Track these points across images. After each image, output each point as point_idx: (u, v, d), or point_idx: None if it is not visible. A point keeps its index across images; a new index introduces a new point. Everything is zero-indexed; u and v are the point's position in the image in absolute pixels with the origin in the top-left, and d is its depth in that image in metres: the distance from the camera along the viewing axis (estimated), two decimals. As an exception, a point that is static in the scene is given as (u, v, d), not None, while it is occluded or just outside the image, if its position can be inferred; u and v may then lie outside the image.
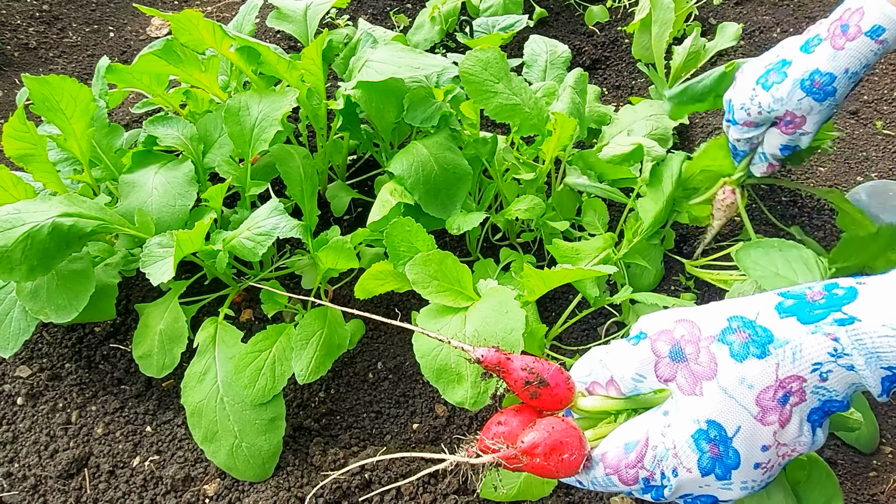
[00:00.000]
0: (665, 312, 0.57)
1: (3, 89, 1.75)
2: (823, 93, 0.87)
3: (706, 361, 0.51)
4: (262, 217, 0.94)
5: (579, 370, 0.60)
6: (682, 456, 0.51)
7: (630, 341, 0.57)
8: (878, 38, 0.81)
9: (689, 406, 0.52)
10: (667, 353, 0.53)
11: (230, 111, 1.08)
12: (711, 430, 0.51)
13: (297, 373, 0.96)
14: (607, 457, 0.55)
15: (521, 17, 1.60)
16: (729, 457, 0.50)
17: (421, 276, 0.90)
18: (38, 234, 0.90)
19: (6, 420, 1.09)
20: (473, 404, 0.83)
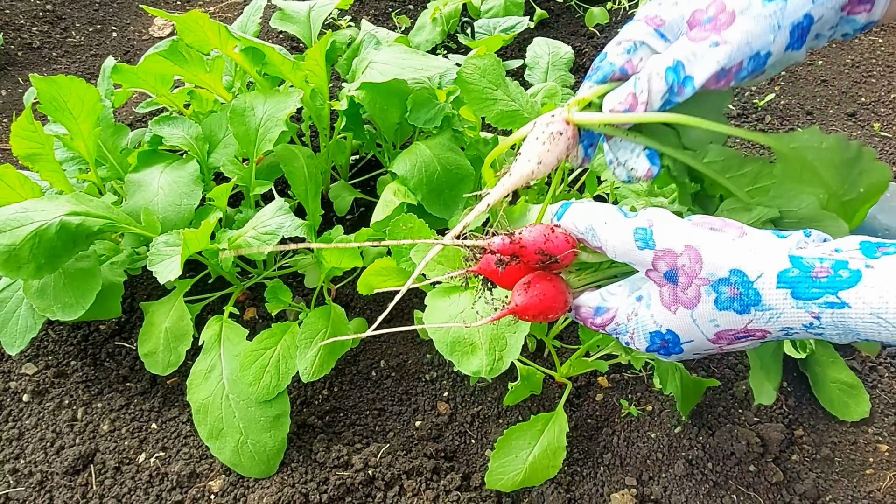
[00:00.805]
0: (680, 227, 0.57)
1: (7, 88, 1.76)
2: None
3: (691, 295, 0.55)
4: (267, 216, 0.95)
5: (577, 221, 0.62)
6: (636, 339, 0.61)
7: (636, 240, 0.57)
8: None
9: (659, 313, 0.58)
10: (663, 271, 0.57)
11: (235, 111, 1.09)
12: (668, 336, 0.59)
13: (301, 371, 0.97)
14: (580, 311, 0.64)
15: (522, 19, 1.61)
16: (675, 350, 0.59)
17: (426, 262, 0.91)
18: (46, 233, 0.91)
19: (12, 417, 1.10)
20: (490, 372, 0.84)
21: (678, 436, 1.05)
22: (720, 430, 1.04)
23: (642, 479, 1.01)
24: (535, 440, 0.96)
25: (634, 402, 1.10)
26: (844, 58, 1.86)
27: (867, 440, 1.06)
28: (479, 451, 1.07)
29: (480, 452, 1.07)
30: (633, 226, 0.58)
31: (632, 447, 1.05)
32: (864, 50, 1.88)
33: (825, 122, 1.67)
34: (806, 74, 1.81)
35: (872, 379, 1.13)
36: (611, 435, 1.06)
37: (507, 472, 0.95)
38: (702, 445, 1.03)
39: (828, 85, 1.78)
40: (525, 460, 0.95)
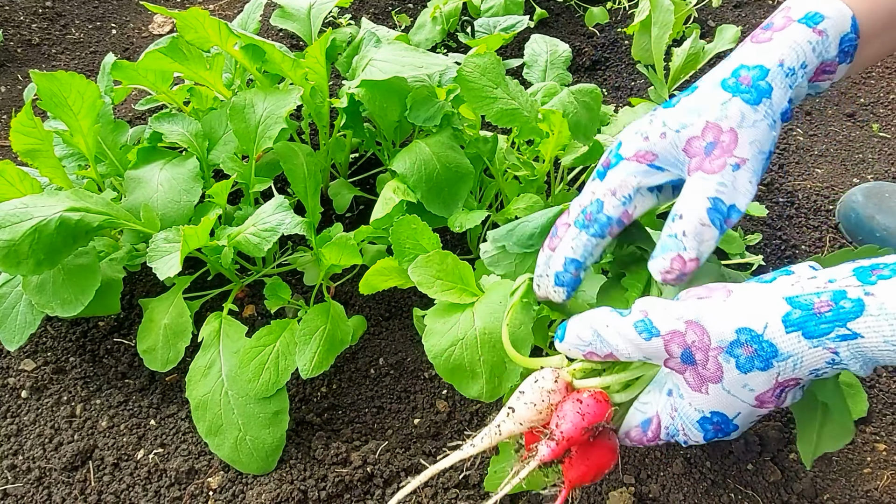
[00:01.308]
0: (673, 307, 0.58)
1: (6, 85, 1.76)
2: (757, 91, 0.60)
3: (713, 369, 0.56)
4: (267, 213, 0.95)
5: (575, 340, 0.63)
6: (690, 433, 0.61)
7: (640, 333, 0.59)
8: (815, 27, 0.61)
9: (694, 399, 0.59)
10: (678, 355, 0.58)
11: (235, 108, 1.09)
12: (715, 418, 0.59)
13: (301, 367, 0.97)
14: (630, 434, 0.65)
15: (522, 18, 1.61)
16: (730, 428, 0.60)
17: (425, 278, 0.92)
18: (46, 229, 0.91)
19: (11, 413, 1.10)
20: (489, 397, 0.86)
21: (676, 434, 1.06)
22: (718, 429, 1.04)
23: (640, 478, 1.01)
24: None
25: (633, 401, 1.10)
26: (843, 58, 1.86)
27: (865, 439, 1.06)
28: (478, 449, 1.07)
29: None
30: (631, 321, 0.59)
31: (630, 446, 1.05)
32: (863, 51, 1.88)
33: (824, 123, 1.68)
34: (805, 75, 1.81)
35: (870, 378, 1.14)
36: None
37: (506, 475, 0.95)
38: (700, 444, 1.04)
39: (827, 85, 1.78)
40: (527, 461, 0.94)
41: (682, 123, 0.62)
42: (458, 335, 0.86)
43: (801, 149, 1.59)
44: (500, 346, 0.85)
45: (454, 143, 1.18)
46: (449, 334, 0.87)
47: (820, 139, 1.62)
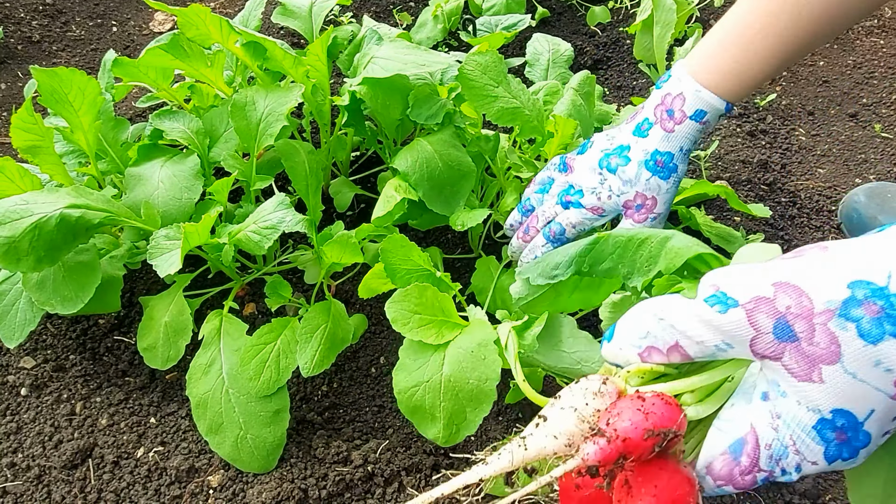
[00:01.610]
0: (755, 270, 0.46)
1: (7, 82, 1.75)
2: (667, 170, 0.91)
3: (825, 342, 0.42)
4: (268, 211, 0.95)
5: (631, 331, 0.51)
6: (804, 451, 0.45)
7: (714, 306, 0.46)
8: (701, 121, 0.88)
9: (805, 393, 0.44)
10: (770, 330, 0.44)
11: (236, 106, 1.08)
12: (838, 420, 0.43)
13: (302, 365, 0.97)
14: (714, 468, 0.48)
15: (524, 17, 1.61)
16: (858, 440, 0.44)
17: (400, 314, 0.90)
18: (46, 225, 0.91)
19: (10, 411, 1.10)
20: (445, 442, 0.87)
21: (678, 434, 1.05)
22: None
23: (642, 478, 1.01)
24: None
25: (634, 401, 1.10)
26: (846, 59, 1.86)
27: None
28: (480, 449, 1.07)
29: (481, 450, 1.07)
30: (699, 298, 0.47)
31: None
32: (865, 51, 1.88)
33: (826, 123, 1.67)
34: (808, 75, 1.81)
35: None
36: (611, 433, 1.06)
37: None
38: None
39: (829, 86, 1.78)
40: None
41: (622, 191, 0.95)
42: (423, 377, 0.87)
43: (804, 149, 1.59)
44: (463, 396, 0.85)
45: (456, 142, 1.17)
46: (416, 374, 0.87)
47: (822, 139, 1.62)
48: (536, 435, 0.47)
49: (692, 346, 0.47)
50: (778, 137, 1.60)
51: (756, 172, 1.47)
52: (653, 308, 0.50)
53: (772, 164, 1.51)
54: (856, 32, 1.95)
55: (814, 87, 1.77)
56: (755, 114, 1.66)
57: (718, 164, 1.49)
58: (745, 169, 1.47)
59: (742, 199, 1.41)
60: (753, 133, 1.59)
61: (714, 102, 0.86)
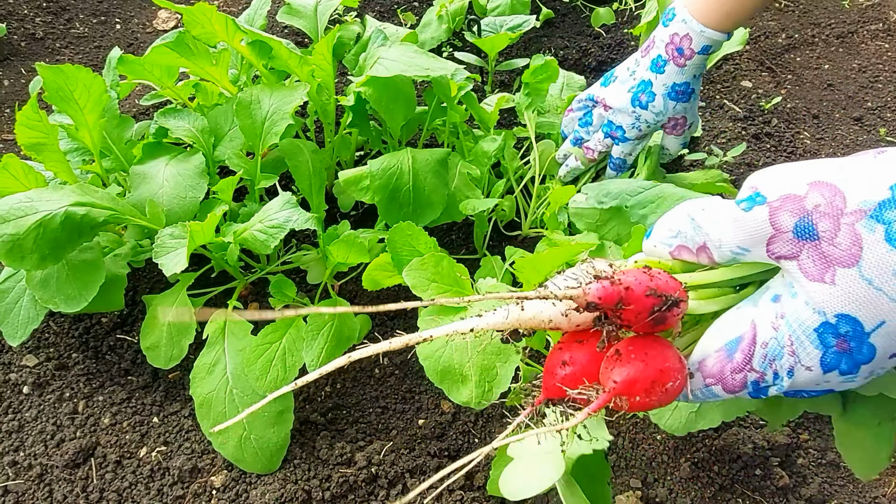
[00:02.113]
0: (795, 168, 0.43)
1: (10, 79, 1.75)
2: (686, 94, 1.12)
3: (846, 243, 0.39)
4: (274, 210, 0.94)
5: (664, 229, 0.49)
6: (800, 353, 0.42)
7: (741, 204, 0.44)
8: (707, 53, 1.06)
9: (813, 293, 0.41)
10: (790, 228, 0.41)
11: (241, 104, 1.08)
12: (843, 326, 0.40)
13: (308, 363, 0.96)
14: (707, 364, 0.46)
15: (529, 18, 1.60)
16: (861, 352, 0.41)
17: (419, 280, 0.90)
18: (51, 223, 0.90)
19: (12, 409, 1.09)
20: (478, 403, 0.84)
21: (683, 438, 1.05)
22: (726, 433, 1.04)
23: (647, 482, 1.01)
24: None
25: (639, 404, 1.10)
26: (851, 62, 1.86)
27: None
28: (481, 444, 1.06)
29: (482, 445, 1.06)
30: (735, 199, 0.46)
31: (637, 449, 1.04)
32: (870, 55, 1.88)
33: (831, 126, 1.67)
34: (812, 78, 1.81)
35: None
36: (616, 436, 1.06)
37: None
38: (707, 448, 1.03)
39: (834, 89, 1.77)
40: None
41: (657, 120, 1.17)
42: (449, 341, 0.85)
43: (809, 152, 1.58)
44: (491, 349, 0.83)
45: (443, 169, 1.14)
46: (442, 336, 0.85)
47: (827, 143, 1.62)
48: (536, 301, 0.45)
49: (715, 249, 0.45)
50: (783, 141, 1.60)
51: (761, 175, 1.47)
52: (690, 208, 0.48)
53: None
54: (861, 36, 1.94)
55: (818, 91, 1.77)
56: (760, 117, 1.66)
57: (724, 165, 1.49)
58: (751, 172, 1.47)
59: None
60: (758, 136, 1.59)
61: (716, 37, 1.03)
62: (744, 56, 1.84)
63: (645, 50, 1.14)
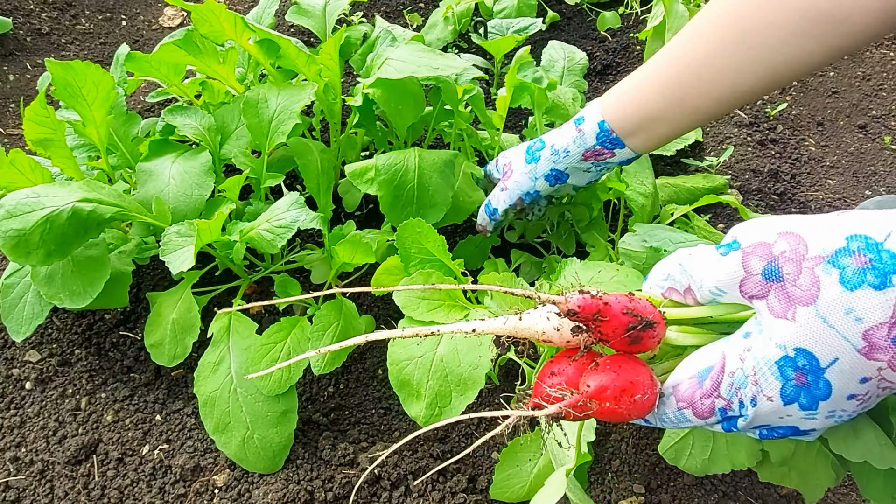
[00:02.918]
0: (768, 221, 0.48)
1: (15, 73, 1.75)
2: (531, 156, 1.06)
3: (806, 285, 0.43)
4: (281, 209, 0.94)
5: (658, 273, 0.55)
6: (762, 383, 0.45)
7: (719, 249, 0.49)
8: (578, 126, 0.98)
9: (776, 329, 0.45)
10: (759, 271, 0.46)
11: (249, 103, 1.08)
12: (800, 359, 0.44)
13: (313, 363, 0.96)
14: (679, 389, 0.50)
15: (536, 21, 1.60)
16: (818, 387, 0.44)
17: (408, 301, 0.91)
18: (58, 219, 0.90)
19: (14, 404, 1.09)
20: (425, 422, 0.87)
21: (687, 443, 1.05)
22: (730, 439, 1.04)
23: (651, 487, 1.00)
24: (539, 452, 0.95)
25: (643, 408, 1.10)
26: (856, 70, 1.86)
27: None
28: (486, 454, 1.06)
29: (486, 455, 1.06)
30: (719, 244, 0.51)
31: (640, 454, 1.04)
32: (875, 63, 1.88)
33: (835, 134, 1.67)
34: (817, 86, 1.81)
35: (881, 392, 1.13)
36: (619, 441, 1.06)
37: (511, 484, 0.94)
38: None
39: (839, 97, 1.78)
40: (530, 472, 0.93)
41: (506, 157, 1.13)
42: (417, 352, 0.87)
43: (814, 159, 1.59)
44: (452, 378, 0.85)
45: (449, 172, 1.13)
46: (411, 348, 0.87)
47: (832, 150, 1.62)
48: (533, 314, 0.51)
49: (697, 290, 0.51)
50: (788, 147, 1.60)
51: (767, 182, 1.47)
52: (680, 254, 0.53)
53: (782, 173, 1.50)
54: (865, 44, 1.95)
55: (823, 98, 1.77)
56: (765, 123, 1.66)
57: (729, 171, 1.49)
58: (756, 178, 1.47)
59: (753, 208, 1.41)
60: (764, 142, 1.59)
61: (592, 115, 0.96)
62: (749, 62, 1.85)
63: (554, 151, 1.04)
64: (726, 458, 0.79)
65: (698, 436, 0.83)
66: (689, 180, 1.39)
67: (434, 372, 0.86)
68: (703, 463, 0.82)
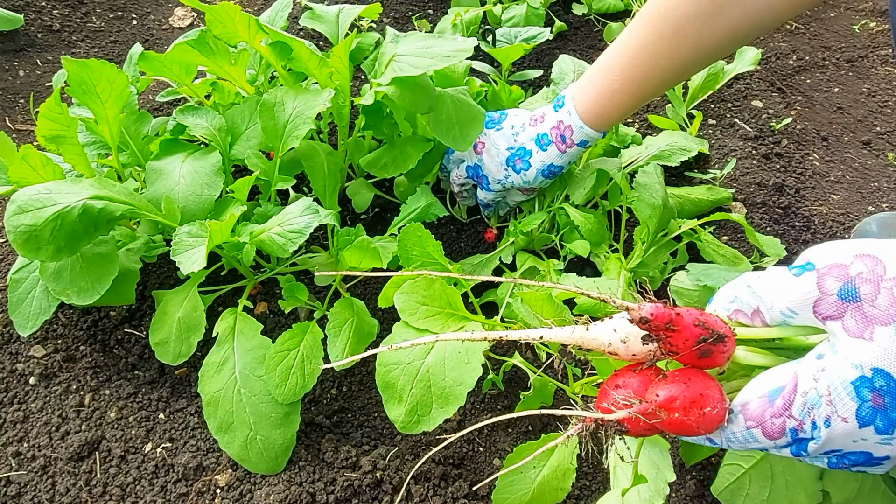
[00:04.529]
0: (842, 244, 0.49)
1: (25, 69, 1.75)
2: (554, 174, 1.19)
3: (885, 305, 0.43)
4: (294, 214, 0.95)
5: (723, 296, 0.55)
6: (837, 403, 0.45)
7: (792, 271, 0.49)
8: (586, 146, 1.14)
9: (852, 349, 0.45)
10: (835, 291, 0.46)
11: (265, 106, 1.08)
12: (878, 379, 0.43)
13: (333, 358, 0.98)
14: (749, 408, 0.49)
15: (543, 30, 1.62)
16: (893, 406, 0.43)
17: (408, 304, 0.92)
18: (69, 216, 0.91)
19: (18, 399, 1.09)
20: (403, 427, 0.88)
21: (688, 454, 1.05)
22: (732, 451, 1.04)
23: (651, 496, 1.01)
24: (544, 459, 0.95)
25: (645, 418, 1.10)
26: (860, 87, 1.87)
27: (876, 469, 1.06)
28: (488, 460, 1.06)
29: (489, 461, 1.06)
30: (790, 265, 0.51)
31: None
32: (880, 80, 1.90)
33: (840, 149, 1.68)
34: (822, 101, 1.82)
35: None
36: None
37: (514, 490, 0.94)
38: (714, 467, 1.03)
39: (843, 112, 1.79)
40: (534, 479, 0.94)
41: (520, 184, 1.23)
42: (405, 358, 0.88)
43: (818, 174, 1.59)
44: (436, 390, 0.87)
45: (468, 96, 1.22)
46: (401, 352, 0.89)
47: (836, 165, 1.63)
48: (600, 326, 0.51)
49: (766, 312, 0.50)
50: (793, 161, 1.61)
51: (771, 196, 1.48)
52: (747, 277, 0.53)
53: (787, 188, 1.51)
54: (871, 61, 1.96)
55: (828, 113, 1.78)
56: (770, 137, 1.67)
57: (734, 184, 1.50)
58: (761, 192, 1.48)
59: (758, 221, 1.42)
60: (769, 156, 1.60)
61: (592, 135, 1.11)
62: (755, 76, 1.86)
63: (534, 120, 1.18)
64: (786, 498, 0.76)
65: (755, 476, 0.80)
66: (694, 191, 1.40)
67: (419, 381, 0.88)
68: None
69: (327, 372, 1.12)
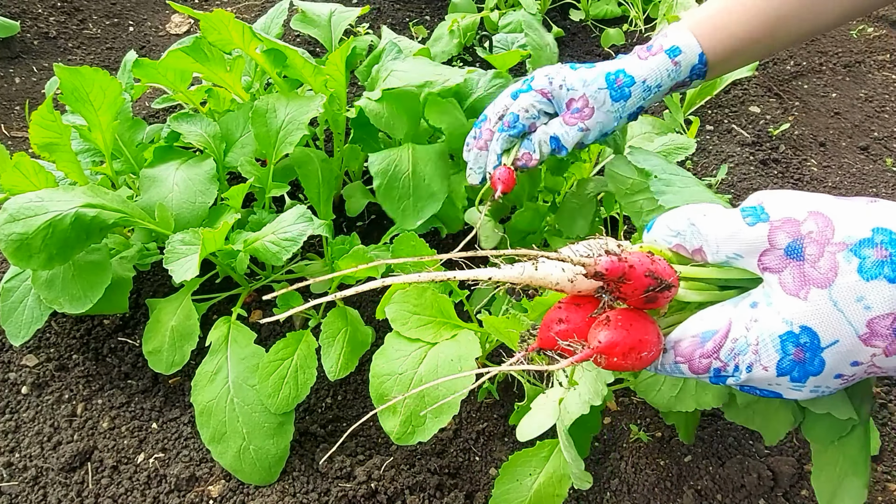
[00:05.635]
0: (799, 195, 0.50)
1: (21, 76, 1.75)
2: (620, 93, 0.88)
3: (825, 268, 0.45)
4: (288, 222, 0.94)
5: (665, 228, 0.56)
6: (762, 353, 0.48)
7: (745, 217, 0.50)
8: (674, 59, 0.86)
9: (785, 305, 0.47)
10: (783, 246, 0.47)
11: (258, 112, 1.08)
12: (804, 336, 0.47)
13: (328, 369, 0.97)
14: (681, 346, 0.52)
15: (542, 36, 1.61)
16: (813, 364, 0.47)
17: (399, 314, 0.91)
18: (61, 224, 0.90)
19: (10, 409, 1.08)
20: (398, 439, 0.87)
21: (688, 465, 1.04)
22: (730, 462, 1.03)
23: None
24: (540, 467, 0.94)
25: (644, 427, 1.09)
26: (858, 92, 1.87)
27: (876, 478, 1.05)
28: (484, 469, 1.05)
29: (485, 471, 1.05)
30: (739, 208, 0.51)
31: (640, 474, 1.03)
32: (877, 85, 1.89)
33: (838, 154, 1.68)
34: (819, 106, 1.82)
35: (882, 416, 1.13)
36: (618, 460, 1.05)
37: (511, 499, 0.93)
38: (711, 476, 1.02)
39: (841, 118, 1.78)
40: (530, 487, 0.93)
41: (573, 87, 0.89)
42: (398, 369, 0.87)
43: (816, 179, 1.59)
44: (429, 400, 0.86)
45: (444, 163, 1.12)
46: (394, 363, 0.88)
47: (834, 171, 1.62)
48: (548, 263, 0.52)
49: (710, 251, 0.52)
50: (790, 167, 1.60)
51: (768, 202, 1.47)
52: (690, 213, 0.54)
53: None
54: (868, 66, 1.96)
55: (826, 118, 1.78)
56: (768, 143, 1.66)
57: (731, 190, 1.49)
58: (758, 198, 1.48)
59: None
60: (766, 162, 1.59)
61: (689, 43, 0.86)
62: (752, 82, 1.86)
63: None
64: (693, 398, 0.80)
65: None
66: None
67: (412, 391, 0.86)
68: (671, 400, 0.82)
69: (322, 380, 1.10)
